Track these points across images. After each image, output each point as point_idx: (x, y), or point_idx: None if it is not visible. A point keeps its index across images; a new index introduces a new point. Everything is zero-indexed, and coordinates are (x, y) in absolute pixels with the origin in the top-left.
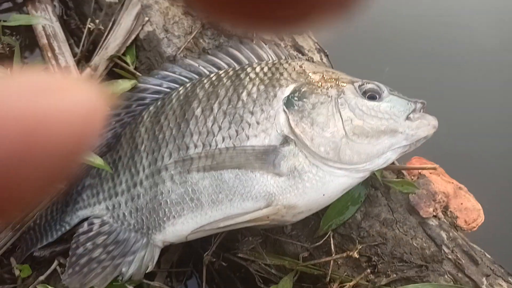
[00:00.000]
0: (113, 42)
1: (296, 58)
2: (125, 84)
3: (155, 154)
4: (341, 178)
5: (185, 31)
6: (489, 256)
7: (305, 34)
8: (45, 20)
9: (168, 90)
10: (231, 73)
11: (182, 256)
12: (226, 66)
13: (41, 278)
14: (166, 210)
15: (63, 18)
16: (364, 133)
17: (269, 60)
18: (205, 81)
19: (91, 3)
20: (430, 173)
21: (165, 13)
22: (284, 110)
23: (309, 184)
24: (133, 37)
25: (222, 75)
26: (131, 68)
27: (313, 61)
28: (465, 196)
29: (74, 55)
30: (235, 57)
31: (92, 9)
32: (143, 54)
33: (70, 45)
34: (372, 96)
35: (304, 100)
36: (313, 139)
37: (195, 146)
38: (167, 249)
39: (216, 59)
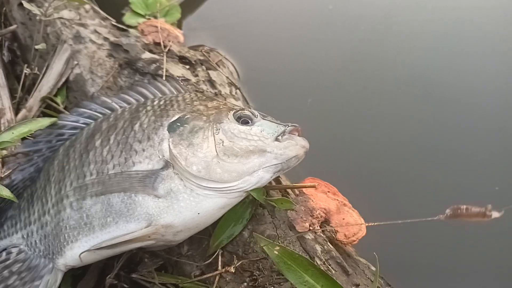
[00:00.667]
0: (46, 85)
1: (199, 92)
2: (43, 122)
3: (60, 183)
4: (215, 198)
5: (107, 71)
6: (373, 268)
7: (219, 70)
8: None
9: (84, 125)
10: (134, 107)
11: (99, 282)
12: (135, 102)
13: None
14: (66, 235)
15: (12, 65)
16: (234, 153)
17: (170, 94)
18: (111, 115)
19: (32, 50)
20: (320, 192)
21: (92, 56)
22: (167, 137)
23: (184, 204)
24: (63, 79)
25: (126, 110)
26: (61, 107)
27: (221, 94)
28: (348, 212)
29: (14, 97)
30: (142, 93)
31: (33, 56)
32: (72, 94)
33: (15, 89)
34: (245, 121)
35: (185, 125)
36: (187, 159)
37: (91, 174)
38: (82, 276)
39: (127, 96)
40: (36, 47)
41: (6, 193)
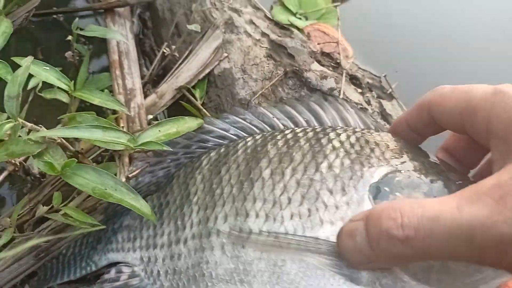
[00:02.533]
0: (185, 72)
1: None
2: (191, 123)
3: (207, 211)
4: None
5: (264, 75)
6: None
7: (396, 99)
8: (120, 36)
9: (234, 137)
10: (310, 134)
11: None
12: (304, 123)
13: None
14: (209, 284)
15: (139, 36)
16: None
17: (356, 127)
18: (278, 137)
19: (170, 27)
20: None
21: (246, 52)
22: (369, 198)
23: None
24: (207, 71)
25: (300, 135)
26: (199, 103)
27: None
28: None
29: (141, 76)
30: (316, 114)
31: (170, 34)
32: (213, 91)
33: (140, 65)
34: None
35: (397, 194)
36: None
37: (257, 216)
38: None
39: (294, 112)
40: (189, 27)
41: (147, 211)
